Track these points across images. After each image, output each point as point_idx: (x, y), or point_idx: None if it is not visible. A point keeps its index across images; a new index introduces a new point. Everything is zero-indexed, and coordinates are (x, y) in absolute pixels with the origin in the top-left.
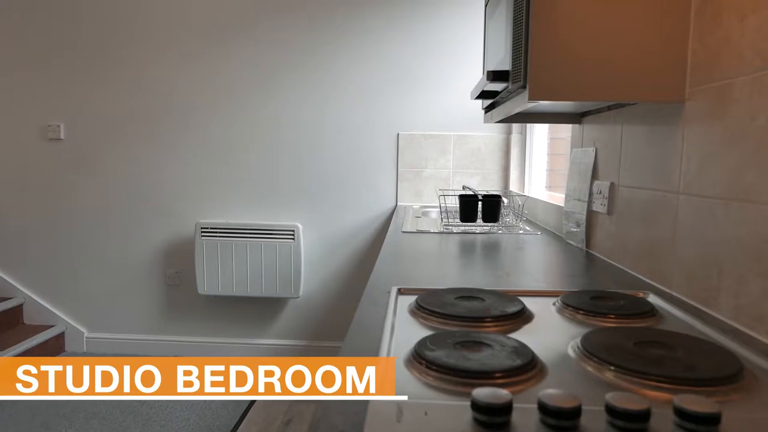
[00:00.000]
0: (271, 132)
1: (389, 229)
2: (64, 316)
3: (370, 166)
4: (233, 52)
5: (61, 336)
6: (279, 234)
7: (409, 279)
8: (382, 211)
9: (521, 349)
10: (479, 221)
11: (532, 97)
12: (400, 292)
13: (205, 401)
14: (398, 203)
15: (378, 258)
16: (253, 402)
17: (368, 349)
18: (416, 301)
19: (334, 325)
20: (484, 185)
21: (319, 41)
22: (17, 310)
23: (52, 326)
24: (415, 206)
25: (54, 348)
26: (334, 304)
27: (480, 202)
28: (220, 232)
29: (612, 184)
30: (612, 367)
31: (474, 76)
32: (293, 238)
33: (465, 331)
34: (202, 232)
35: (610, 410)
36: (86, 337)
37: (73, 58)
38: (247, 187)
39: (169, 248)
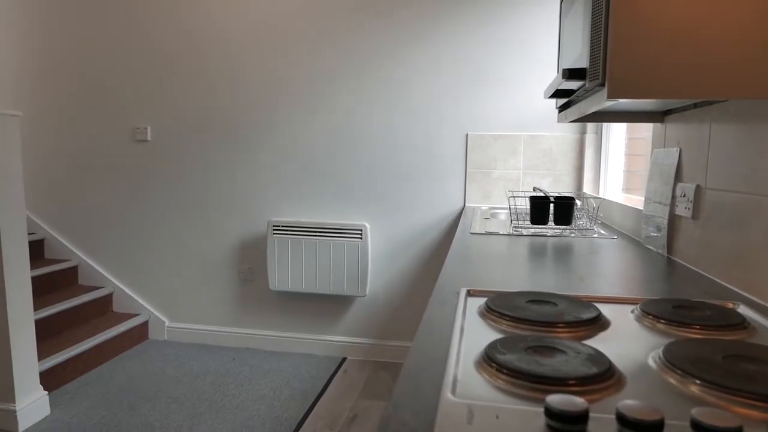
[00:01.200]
0: (342, 132)
1: (457, 230)
2: (148, 306)
3: (438, 167)
4: (307, 54)
5: (145, 324)
6: (347, 233)
7: (478, 281)
8: (450, 212)
9: (597, 356)
10: (550, 224)
11: (611, 96)
12: (469, 293)
13: (274, 393)
14: (466, 204)
15: (446, 259)
16: (320, 396)
17: (438, 350)
18: (486, 303)
19: (400, 325)
20: (555, 187)
21: (389, 42)
22: (108, 299)
23: (137, 315)
24: (483, 207)
25: (139, 335)
26: (401, 304)
27: (552, 204)
28: (291, 231)
29: (698, 187)
30: (698, 381)
31: (545, 76)
32: (361, 238)
33: (537, 336)
34: (274, 230)
35: (697, 426)
36: (167, 326)
37: (158, 66)
38: (318, 186)
39: (243, 245)
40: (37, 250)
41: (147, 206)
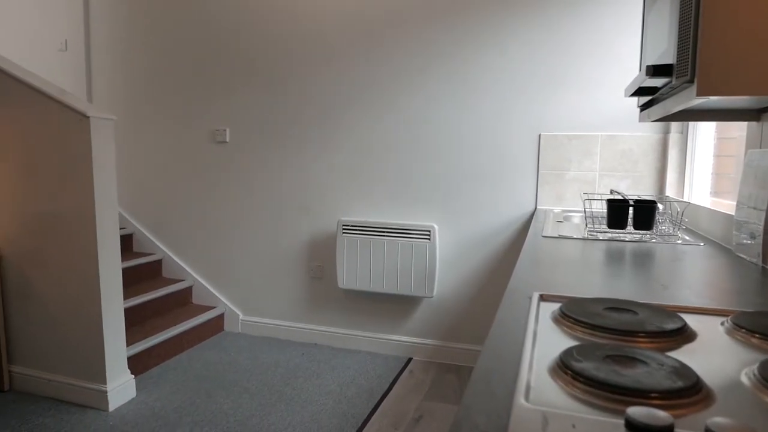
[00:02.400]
0: (411, 133)
1: (528, 232)
2: (224, 300)
3: (509, 168)
4: (377, 55)
5: (221, 317)
6: (415, 234)
7: (551, 285)
8: (521, 214)
9: (683, 370)
10: (629, 228)
11: (701, 93)
12: (542, 298)
13: (341, 389)
14: (538, 206)
15: (517, 262)
16: (385, 395)
17: (510, 354)
18: (560, 308)
19: (468, 328)
20: (634, 189)
21: (461, 42)
22: (187, 291)
23: (214, 307)
24: (556, 210)
25: (215, 327)
26: (468, 307)
27: (631, 208)
28: (360, 230)
29: None
30: None
31: (624, 74)
32: (429, 238)
33: (615, 345)
34: (343, 229)
35: None
36: (241, 320)
37: (236, 70)
38: (387, 186)
39: (313, 243)
40: (126, 244)
41: (225, 205)
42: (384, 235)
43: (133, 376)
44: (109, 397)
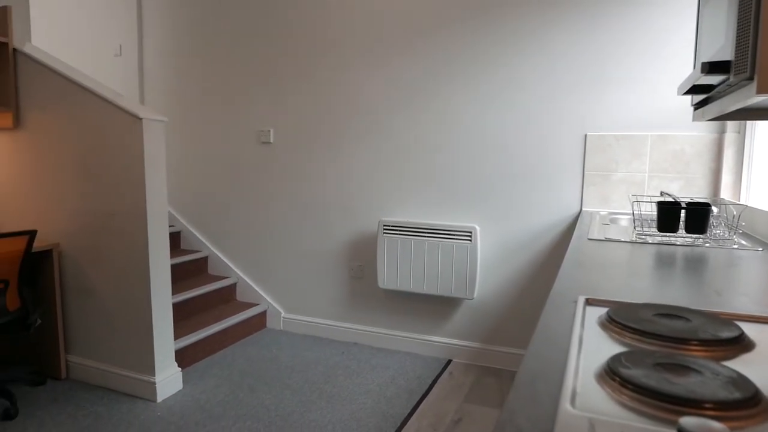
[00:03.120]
0: (454, 133)
1: (573, 235)
2: (267, 297)
3: (553, 169)
4: (417, 55)
5: (263, 314)
6: (456, 235)
7: (597, 289)
8: (565, 216)
9: (740, 380)
10: (681, 232)
11: (762, 90)
12: (588, 302)
13: (380, 389)
14: (583, 208)
15: (562, 265)
16: (425, 396)
17: (555, 359)
18: (607, 313)
19: (509, 331)
20: (686, 191)
21: (503, 40)
22: (232, 288)
23: (257, 305)
24: (602, 212)
25: (257, 324)
26: (510, 309)
27: (683, 210)
28: (400, 231)
29: None
30: None
31: (675, 72)
32: (470, 240)
33: (666, 352)
34: (384, 229)
35: None
36: (283, 317)
37: (280, 72)
38: (428, 187)
39: (355, 243)
40: (174, 241)
41: (269, 204)
42: (425, 236)
43: (180, 369)
44: (157, 388)
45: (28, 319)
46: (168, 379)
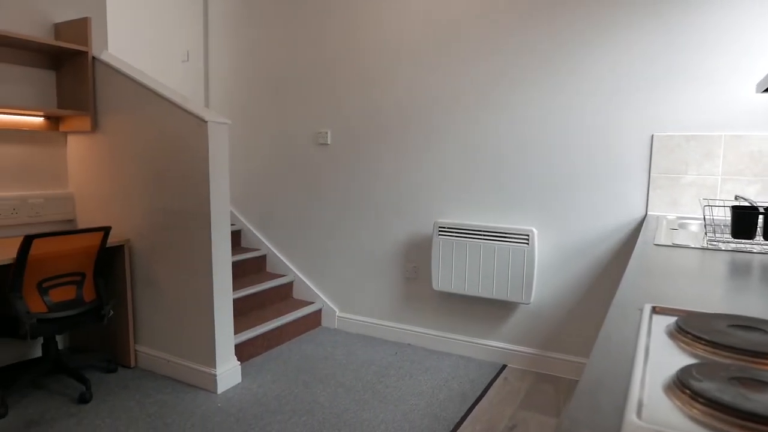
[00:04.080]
0: (511, 134)
1: (638, 240)
2: (322, 296)
3: (617, 171)
4: (479, 56)
5: (318, 312)
6: (513, 238)
7: (664, 297)
8: (629, 221)
9: None
10: (758, 238)
11: None
12: (655, 310)
13: (433, 391)
14: (648, 212)
15: (626, 271)
16: (478, 400)
17: (618, 368)
18: (676, 323)
19: (567, 338)
20: (765, 195)
21: (564, 39)
22: (289, 287)
23: (312, 303)
24: (669, 216)
25: (313, 322)
26: (569, 316)
27: (761, 216)
28: (456, 232)
29: None
30: None
31: (746, 68)
32: (527, 243)
33: (742, 366)
34: (439, 231)
35: None
36: (338, 316)
37: (338, 75)
38: (484, 189)
39: (409, 244)
40: (235, 239)
41: (325, 205)
42: (481, 238)
43: (239, 362)
44: (218, 380)
45: (102, 310)
46: (228, 371)
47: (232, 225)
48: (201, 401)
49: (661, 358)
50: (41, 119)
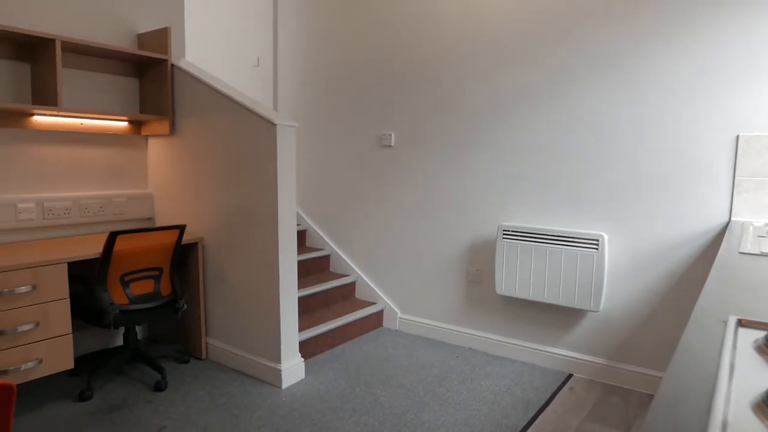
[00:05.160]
0: (580, 134)
1: (720, 247)
2: (384, 297)
3: (696, 173)
4: (543, 55)
5: (380, 313)
6: (581, 242)
7: (751, 310)
8: (709, 227)
9: None
10: None
11: None
12: (740, 323)
13: (495, 397)
14: (732, 218)
15: (707, 280)
16: (542, 409)
17: (699, 385)
18: (766, 337)
19: (639, 349)
20: None
21: (635, 40)
22: (351, 287)
23: (374, 303)
24: (756, 223)
25: (374, 322)
26: (641, 325)
27: None
28: (521, 236)
29: None
30: None
31: None
32: (597, 248)
33: None
34: (504, 234)
35: None
36: (399, 317)
37: (402, 77)
38: (551, 192)
39: (473, 247)
40: (300, 239)
41: (389, 206)
42: (547, 243)
43: (302, 359)
44: (283, 375)
45: (177, 304)
46: (292, 367)
47: (297, 225)
48: (266, 395)
49: (748, 374)
50: (125, 124)
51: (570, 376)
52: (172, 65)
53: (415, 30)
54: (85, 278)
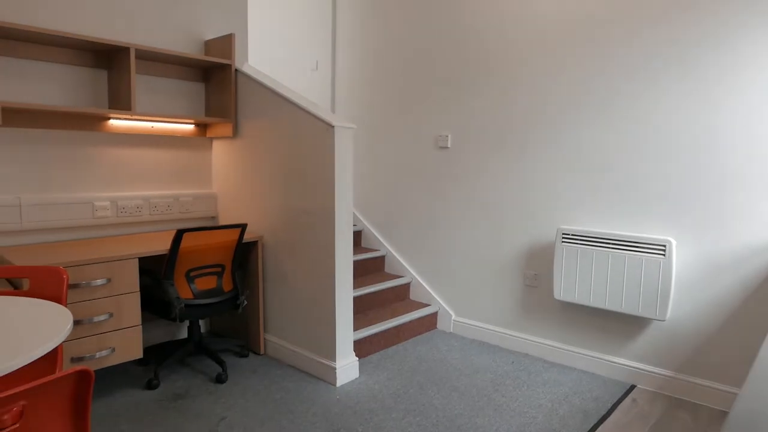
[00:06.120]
0: (644, 133)
1: None
2: (439, 299)
3: None
4: (604, 55)
5: (434, 315)
6: (647, 248)
7: None
8: None
9: None
10: None
11: None
12: None
13: (552, 405)
14: None
15: None
16: (602, 420)
17: None
18: None
19: (710, 361)
20: None
21: (712, 31)
22: (406, 288)
23: (429, 305)
24: None
25: (428, 324)
26: (713, 337)
27: None
28: (581, 240)
29: None
30: None
31: None
32: (664, 254)
33: None
34: (563, 238)
35: None
36: (453, 320)
37: (459, 78)
38: (614, 195)
39: (530, 251)
40: (356, 239)
41: (444, 208)
42: (609, 247)
43: (357, 358)
44: (337, 373)
45: (237, 300)
46: (347, 366)
47: (353, 225)
48: (321, 392)
49: None
50: (192, 127)
51: (633, 387)
52: (236, 70)
53: (471, 32)
54: (154, 273)
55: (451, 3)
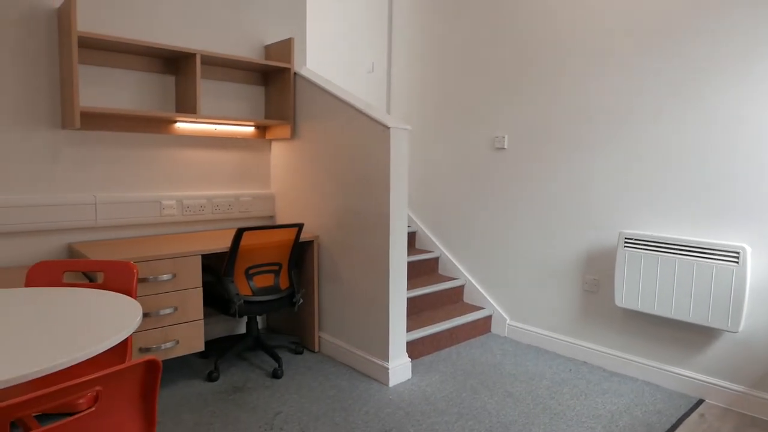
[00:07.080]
0: (716, 134)
1: None
2: (493, 302)
3: None
4: (670, 53)
5: (488, 318)
6: (718, 255)
7: None
8: None
9: None
10: None
11: None
12: None
13: (612, 416)
14: None
15: None
16: None
17: None
18: None
19: None
20: None
21: None
22: (459, 290)
23: (483, 308)
24: None
25: (482, 327)
26: None
27: None
28: (645, 245)
29: None
30: None
31: None
32: (737, 262)
33: None
34: (626, 242)
35: None
36: (508, 324)
37: (516, 79)
38: (681, 198)
39: (589, 255)
40: (410, 240)
41: (500, 210)
42: (676, 253)
43: (409, 359)
44: (390, 374)
45: (293, 298)
46: (399, 366)
47: (407, 226)
48: (374, 391)
49: None
50: (252, 129)
51: (700, 401)
52: (295, 73)
53: (528, 32)
54: (214, 270)
55: (509, 3)
